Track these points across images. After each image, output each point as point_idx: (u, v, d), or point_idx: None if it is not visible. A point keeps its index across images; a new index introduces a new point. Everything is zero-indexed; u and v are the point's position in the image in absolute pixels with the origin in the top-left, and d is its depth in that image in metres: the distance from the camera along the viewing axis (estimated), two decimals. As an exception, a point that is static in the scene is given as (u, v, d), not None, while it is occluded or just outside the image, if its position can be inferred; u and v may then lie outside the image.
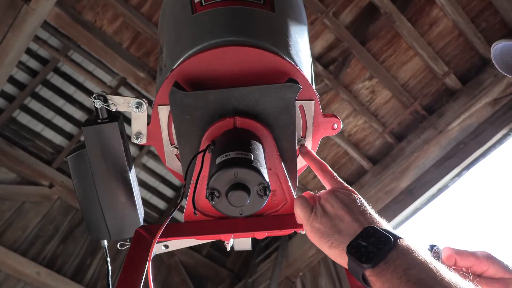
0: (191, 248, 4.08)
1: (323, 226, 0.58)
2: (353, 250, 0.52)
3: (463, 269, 0.64)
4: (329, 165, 0.72)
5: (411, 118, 3.32)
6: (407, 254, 0.49)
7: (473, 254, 0.65)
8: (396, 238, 0.51)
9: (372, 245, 0.50)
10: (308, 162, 0.74)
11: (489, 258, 0.65)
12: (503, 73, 0.72)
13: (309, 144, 0.76)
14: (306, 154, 0.73)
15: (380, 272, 0.48)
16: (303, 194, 0.68)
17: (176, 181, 4.42)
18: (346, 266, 0.54)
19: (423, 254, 0.49)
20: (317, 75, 3.07)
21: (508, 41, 0.67)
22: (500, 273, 0.64)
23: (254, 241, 0.75)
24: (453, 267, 0.65)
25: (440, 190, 3.09)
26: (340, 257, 0.55)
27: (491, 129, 2.92)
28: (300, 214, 0.63)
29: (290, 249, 3.57)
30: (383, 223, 0.56)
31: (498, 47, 0.69)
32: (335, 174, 0.68)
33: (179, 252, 3.96)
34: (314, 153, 0.74)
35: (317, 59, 3.09)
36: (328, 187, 0.67)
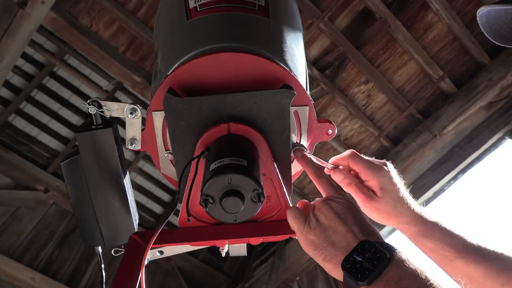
0: (187, 252, 4.05)
1: (317, 238, 0.58)
2: (348, 265, 0.52)
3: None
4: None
5: (407, 122, 3.34)
6: (400, 265, 0.50)
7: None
8: (392, 252, 0.51)
9: (368, 261, 0.50)
10: (303, 167, 0.73)
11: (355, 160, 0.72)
12: (494, 41, 0.71)
13: (306, 151, 0.75)
14: (301, 158, 0.72)
15: (373, 286, 0.49)
16: (298, 203, 0.67)
17: (173, 186, 4.39)
18: (341, 279, 0.54)
19: (415, 264, 0.50)
20: (313, 79, 3.08)
21: (491, 6, 0.65)
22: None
23: (251, 245, 0.75)
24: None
25: (436, 194, 3.10)
26: (334, 271, 0.55)
27: (486, 132, 2.94)
28: (293, 226, 0.62)
29: (287, 254, 3.57)
30: (377, 234, 0.56)
31: (483, 15, 0.67)
32: (331, 179, 0.68)
33: (175, 256, 3.94)
34: (310, 157, 0.73)
35: (313, 63, 3.10)
36: (323, 193, 0.67)
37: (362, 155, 0.73)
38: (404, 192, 0.74)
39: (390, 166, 0.74)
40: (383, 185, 0.71)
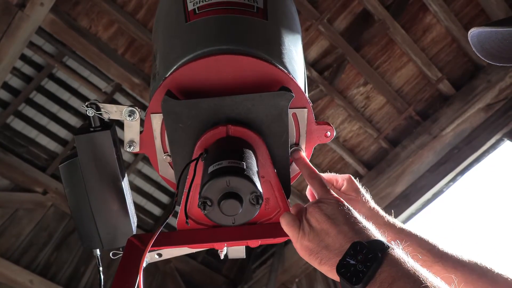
0: (186, 254, 4.04)
1: (311, 243, 0.58)
2: (343, 270, 0.52)
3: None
4: (324, 171, 0.72)
5: (406, 124, 3.34)
6: (393, 265, 0.50)
7: (335, 176, 0.82)
8: (384, 250, 0.51)
9: (361, 263, 0.50)
10: (299, 168, 0.74)
11: (347, 179, 0.81)
12: (486, 60, 0.73)
13: (302, 152, 0.76)
14: (298, 159, 0.73)
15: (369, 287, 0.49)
16: (292, 207, 0.67)
17: (171, 188, 4.38)
18: (338, 280, 0.54)
19: (410, 263, 0.50)
20: (312, 81, 3.08)
21: (482, 28, 0.67)
22: (350, 191, 0.79)
23: (250, 247, 0.75)
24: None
25: (435, 195, 3.10)
26: (331, 273, 0.55)
27: (485, 134, 2.95)
28: (287, 232, 0.62)
29: (286, 255, 3.56)
30: (370, 230, 0.56)
31: (474, 35, 0.69)
32: (323, 181, 0.68)
33: (174, 258, 3.93)
34: (306, 159, 0.74)
35: (312, 65, 3.10)
36: (315, 195, 0.67)
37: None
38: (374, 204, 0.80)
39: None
40: (357, 187, 0.79)
